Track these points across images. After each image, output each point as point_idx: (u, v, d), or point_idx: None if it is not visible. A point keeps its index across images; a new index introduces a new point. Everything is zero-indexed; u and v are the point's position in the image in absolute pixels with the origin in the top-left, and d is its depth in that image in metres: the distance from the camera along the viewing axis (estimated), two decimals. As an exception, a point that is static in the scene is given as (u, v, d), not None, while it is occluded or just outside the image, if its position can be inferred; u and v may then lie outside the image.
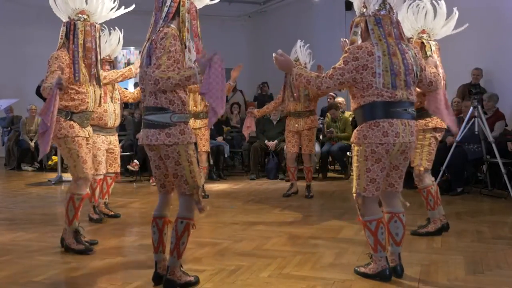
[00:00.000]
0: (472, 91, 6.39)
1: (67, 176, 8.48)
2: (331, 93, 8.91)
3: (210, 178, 7.99)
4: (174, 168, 2.95)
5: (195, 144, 4.87)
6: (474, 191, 6.51)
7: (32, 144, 9.62)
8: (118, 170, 5.27)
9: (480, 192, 6.42)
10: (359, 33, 3.19)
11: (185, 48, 3.04)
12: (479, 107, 6.19)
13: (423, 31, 4.31)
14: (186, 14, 3.06)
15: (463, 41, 7.49)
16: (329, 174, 8.68)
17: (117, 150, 5.23)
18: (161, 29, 2.99)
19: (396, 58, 3.05)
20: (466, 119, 6.28)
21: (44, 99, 3.40)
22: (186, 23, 3.05)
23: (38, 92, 10.60)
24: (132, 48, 12.70)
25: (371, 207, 3.14)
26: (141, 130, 3.08)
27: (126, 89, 5.88)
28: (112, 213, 5.26)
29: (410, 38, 4.33)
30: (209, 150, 6.54)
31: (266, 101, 10.65)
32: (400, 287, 3.10)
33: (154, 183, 3.39)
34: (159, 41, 2.91)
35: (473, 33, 7.69)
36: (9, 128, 10.46)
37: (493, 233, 4.42)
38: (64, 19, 3.97)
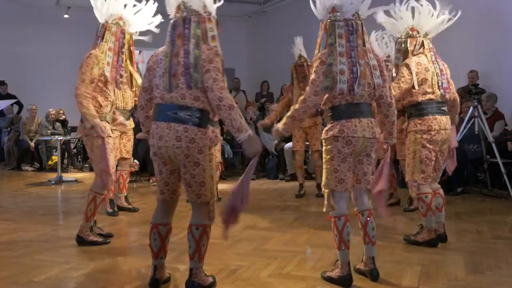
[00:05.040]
0: (472, 91, 6.38)
1: (67, 176, 8.50)
2: None
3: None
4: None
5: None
6: (474, 191, 6.51)
7: (32, 144, 9.63)
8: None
9: (480, 192, 6.42)
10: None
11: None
12: (479, 107, 6.19)
13: (412, 29, 4.01)
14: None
15: (462, 42, 7.51)
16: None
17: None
18: None
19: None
20: (466, 119, 6.29)
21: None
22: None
23: None
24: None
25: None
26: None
27: None
28: (131, 206, 5.50)
29: (398, 38, 4.08)
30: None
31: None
32: (400, 287, 3.10)
33: (154, 183, 3.40)
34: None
35: (471, 34, 7.71)
36: (9, 128, 10.45)
37: (493, 233, 4.42)
38: (102, 20, 4.10)
